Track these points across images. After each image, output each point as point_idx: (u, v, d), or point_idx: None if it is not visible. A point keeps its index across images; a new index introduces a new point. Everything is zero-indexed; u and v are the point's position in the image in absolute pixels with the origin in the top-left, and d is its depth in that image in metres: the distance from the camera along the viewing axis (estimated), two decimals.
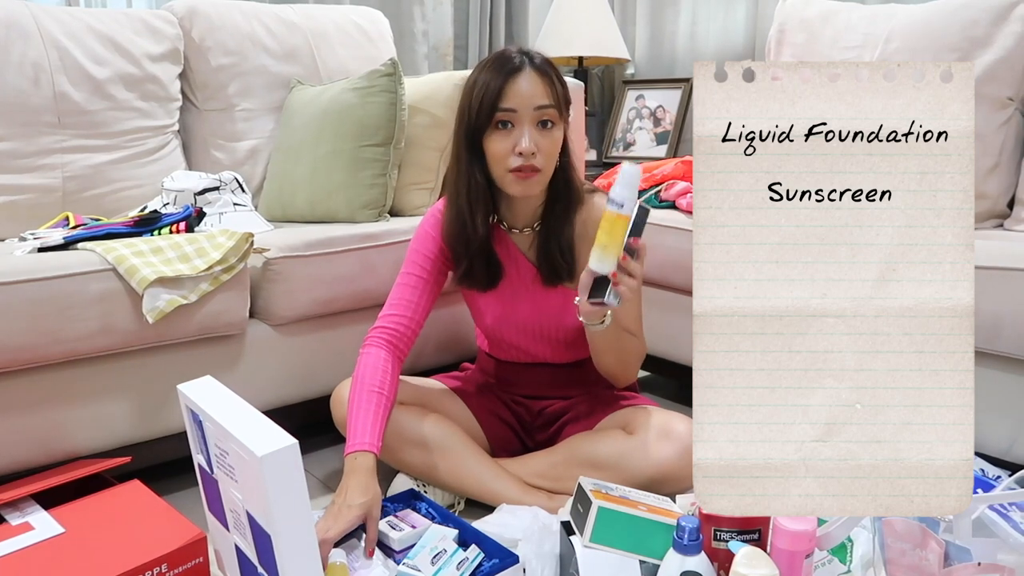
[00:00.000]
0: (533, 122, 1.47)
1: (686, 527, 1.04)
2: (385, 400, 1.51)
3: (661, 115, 3.21)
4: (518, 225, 1.63)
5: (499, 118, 1.47)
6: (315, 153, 2.16)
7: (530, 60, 1.49)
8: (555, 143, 1.51)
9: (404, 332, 1.60)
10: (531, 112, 1.46)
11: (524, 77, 1.47)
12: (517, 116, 1.47)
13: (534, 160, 1.47)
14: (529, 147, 1.46)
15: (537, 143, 1.47)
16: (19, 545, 1.28)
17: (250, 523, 1.08)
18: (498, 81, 1.47)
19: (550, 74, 1.50)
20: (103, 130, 2.16)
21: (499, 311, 1.67)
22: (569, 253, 1.59)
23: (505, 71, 1.47)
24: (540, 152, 1.47)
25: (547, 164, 1.50)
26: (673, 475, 1.51)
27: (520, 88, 1.46)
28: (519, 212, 1.62)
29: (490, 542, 1.33)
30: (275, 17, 2.50)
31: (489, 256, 1.62)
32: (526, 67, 1.48)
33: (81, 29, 2.15)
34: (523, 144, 1.46)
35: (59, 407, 1.56)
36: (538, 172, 1.49)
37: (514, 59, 1.49)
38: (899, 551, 1.10)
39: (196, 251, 1.64)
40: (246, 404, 1.11)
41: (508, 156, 1.48)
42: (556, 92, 1.49)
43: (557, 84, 1.50)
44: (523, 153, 1.46)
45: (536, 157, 1.47)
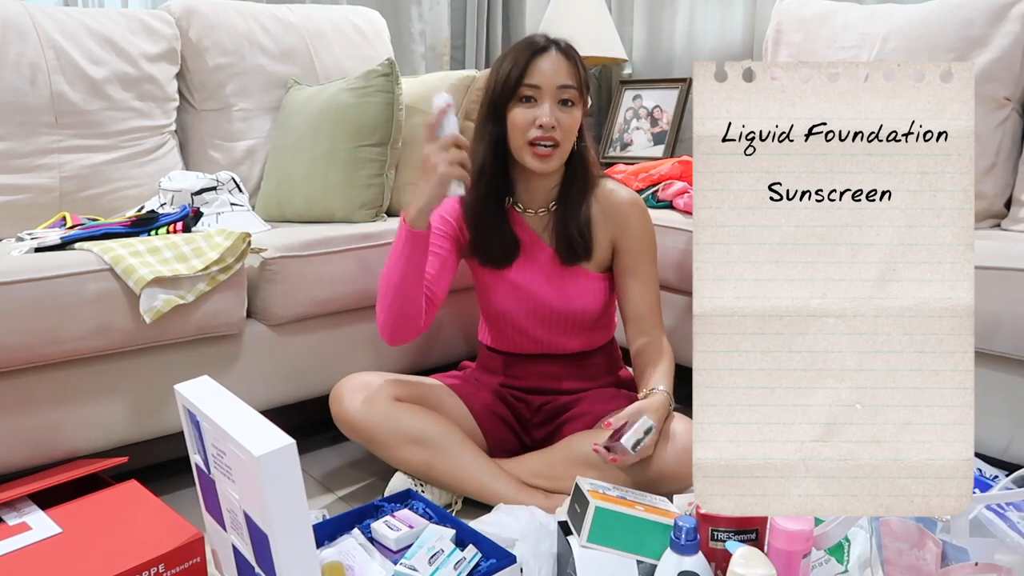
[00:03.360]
0: (555, 99, 1.56)
1: (683, 527, 1.04)
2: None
3: (658, 115, 3.21)
4: (533, 207, 1.68)
5: (523, 92, 1.56)
6: (312, 153, 2.15)
7: (556, 44, 1.58)
8: (575, 121, 1.58)
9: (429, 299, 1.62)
10: (554, 90, 1.55)
11: (549, 57, 1.56)
12: (541, 92, 1.55)
13: (554, 133, 1.55)
14: (550, 120, 1.54)
15: (558, 119, 1.55)
16: (16, 545, 1.28)
17: (247, 523, 1.08)
18: (525, 58, 1.56)
19: (574, 58, 1.59)
20: (100, 130, 2.15)
21: (512, 293, 1.69)
22: (586, 232, 1.65)
23: (532, 50, 1.57)
24: (560, 127, 1.56)
25: (565, 140, 1.58)
26: (671, 475, 1.52)
27: (545, 66, 1.55)
28: (535, 193, 1.68)
29: (487, 542, 1.32)
30: (272, 17, 2.50)
31: (504, 233, 1.67)
32: (552, 49, 1.57)
33: (78, 29, 2.14)
34: (544, 118, 1.54)
35: (56, 407, 1.55)
36: (556, 148, 1.57)
37: (541, 41, 1.58)
38: (896, 551, 1.10)
39: (193, 251, 1.64)
40: (243, 404, 1.11)
41: (529, 128, 1.56)
42: (579, 74, 1.58)
43: (580, 68, 1.59)
44: (543, 126, 1.54)
45: (556, 131, 1.55)
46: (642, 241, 1.67)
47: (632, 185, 2.24)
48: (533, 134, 1.55)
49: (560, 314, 1.68)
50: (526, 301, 1.68)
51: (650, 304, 1.68)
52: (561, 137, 1.56)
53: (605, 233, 1.67)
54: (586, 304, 1.67)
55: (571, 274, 1.67)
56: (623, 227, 1.66)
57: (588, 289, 1.67)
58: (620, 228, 1.67)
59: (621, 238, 1.67)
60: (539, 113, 1.54)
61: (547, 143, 1.55)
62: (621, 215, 1.66)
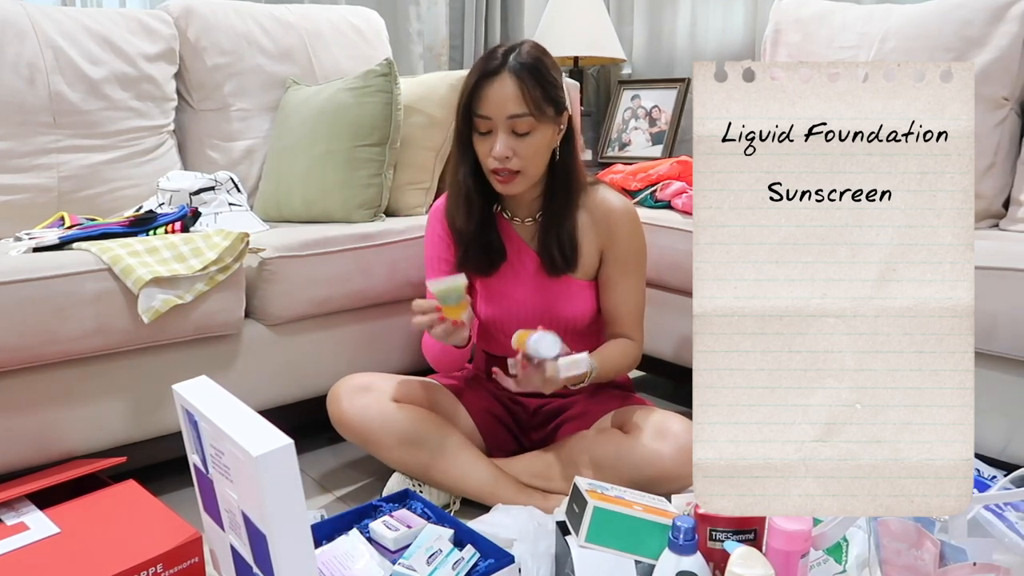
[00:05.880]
0: (508, 130, 1.50)
1: (682, 527, 1.04)
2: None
3: (657, 115, 3.21)
4: (520, 215, 1.66)
5: (477, 124, 1.51)
6: (311, 153, 2.15)
7: (510, 65, 1.48)
8: (533, 147, 1.51)
9: None
10: (504, 120, 1.49)
11: (499, 84, 1.48)
12: (492, 123, 1.50)
13: (509, 164, 1.50)
14: (501, 153, 1.49)
15: (513, 148, 1.50)
16: (15, 545, 1.27)
17: (245, 523, 1.07)
18: (475, 86, 1.50)
19: (526, 79, 1.48)
20: (99, 130, 2.15)
21: (500, 301, 1.67)
22: (570, 244, 1.61)
23: (483, 74, 1.50)
24: (517, 156, 1.50)
25: (528, 165, 1.52)
26: (669, 475, 1.52)
27: (495, 96, 1.48)
28: (519, 203, 1.65)
29: (486, 542, 1.32)
30: (270, 17, 2.50)
31: (489, 241, 1.65)
32: (503, 72, 1.48)
33: (76, 29, 2.14)
34: (496, 150, 1.50)
35: (54, 407, 1.55)
36: (518, 175, 1.52)
37: (495, 61, 1.50)
38: (895, 551, 1.10)
39: (192, 251, 1.63)
40: (242, 404, 1.11)
41: (487, 157, 1.52)
42: (532, 98, 1.48)
43: (534, 89, 1.48)
44: (497, 158, 1.50)
45: (512, 161, 1.50)
46: (629, 254, 1.64)
47: (630, 185, 2.24)
48: (492, 164, 1.51)
49: (549, 322, 1.65)
50: (514, 309, 1.67)
51: (631, 313, 1.66)
52: (520, 165, 1.51)
53: (594, 243, 1.64)
54: (575, 312, 1.65)
55: (559, 282, 1.64)
56: (611, 238, 1.63)
57: (577, 297, 1.65)
58: (609, 239, 1.63)
59: (609, 249, 1.64)
60: (492, 143, 1.50)
61: (505, 173, 1.52)
62: (610, 226, 1.62)
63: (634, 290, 1.66)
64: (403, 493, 1.52)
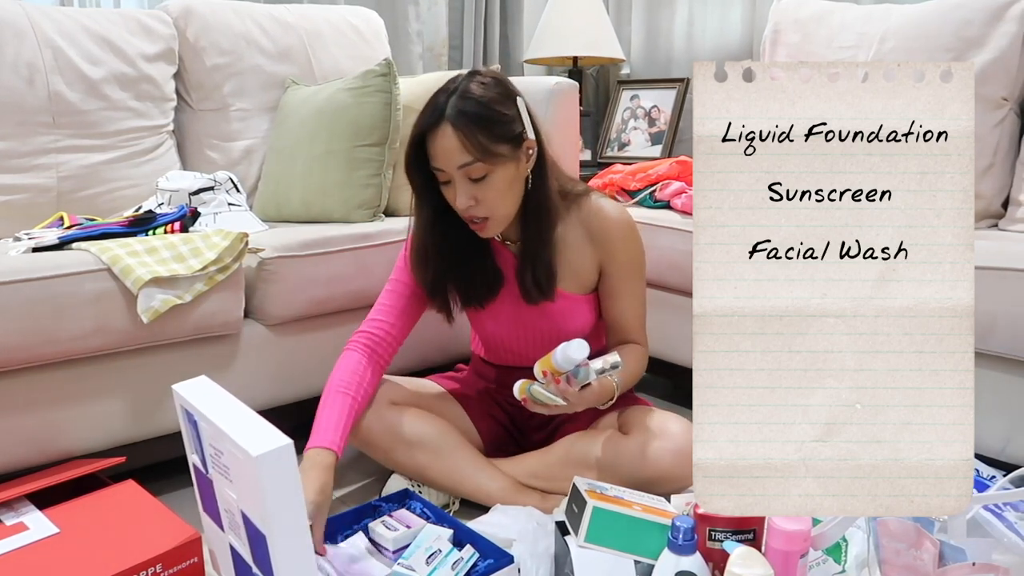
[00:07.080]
0: (463, 177, 1.43)
1: (681, 527, 1.04)
2: (352, 401, 1.52)
3: (656, 115, 3.21)
4: (511, 237, 1.62)
5: (436, 174, 1.47)
6: (310, 153, 2.15)
7: (449, 111, 1.41)
8: (495, 189, 1.45)
9: (385, 338, 1.61)
10: (455, 171, 1.43)
11: (440, 136, 1.41)
12: (446, 174, 1.44)
13: (475, 212, 1.46)
14: (463, 204, 1.45)
15: (474, 195, 1.44)
16: (14, 545, 1.27)
17: (245, 523, 1.07)
18: (418, 142, 1.46)
19: (468, 126, 1.40)
20: (98, 130, 2.15)
21: (500, 320, 1.66)
22: (546, 274, 1.56)
23: (427, 124, 1.43)
24: (480, 203, 1.45)
25: (494, 208, 1.47)
26: (668, 475, 1.51)
27: (437, 150, 1.43)
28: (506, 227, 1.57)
29: (485, 542, 1.32)
30: (270, 17, 2.49)
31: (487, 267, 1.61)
32: (443, 123, 1.41)
33: (75, 29, 2.14)
34: (457, 202, 1.45)
35: (54, 407, 1.55)
36: (488, 219, 1.48)
37: (436, 110, 1.42)
38: (894, 551, 1.11)
39: (191, 251, 1.63)
40: (241, 404, 1.11)
41: (454, 204, 1.48)
42: (476, 145, 1.40)
43: (478, 135, 1.40)
44: (460, 209, 1.46)
45: (477, 208, 1.46)
46: (629, 263, 1.61)
47: (630, 185, 2.24)
48: (461, 212, 1.47)
49: (550, 337, 1.63)
50: (515, 328, 1.66)
51: (636, 319, 1.64)
52: (487, 211, 1.46)
53: (591, 257, 1.60)
54: (576, 326, 1.63)
55: (556, 300, 1.61)
56: (609, 251, 1.59)
57: (576, 312, 1.63)
58: (606, 252, 1.60)
59: (607, 263, 1.61)
60: (454, 194, 1.45)
61: (475, 220, 1.48)
62: (607, 239, 1.59)
63: (637, 297, 1.64)
64: (402, 493, 1.52)
